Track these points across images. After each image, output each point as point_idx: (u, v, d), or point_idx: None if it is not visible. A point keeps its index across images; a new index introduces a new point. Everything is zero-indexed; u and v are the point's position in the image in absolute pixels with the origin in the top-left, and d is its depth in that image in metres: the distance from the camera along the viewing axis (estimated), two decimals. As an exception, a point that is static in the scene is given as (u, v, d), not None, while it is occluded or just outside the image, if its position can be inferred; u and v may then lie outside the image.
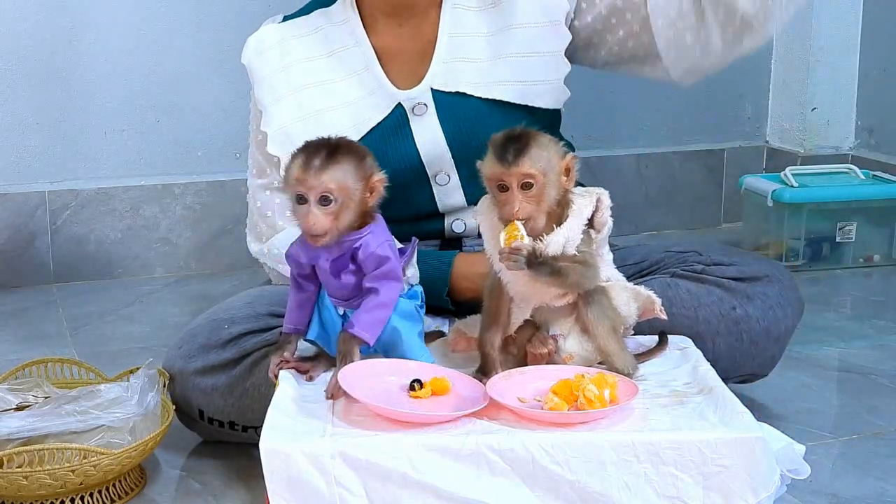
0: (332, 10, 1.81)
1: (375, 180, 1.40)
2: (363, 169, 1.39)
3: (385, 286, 1.40)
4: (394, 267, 1.40)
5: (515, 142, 1.37)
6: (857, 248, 2.85)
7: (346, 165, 1.37)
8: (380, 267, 1.40)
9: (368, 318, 1.39)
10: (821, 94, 3.21)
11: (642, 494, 1.27)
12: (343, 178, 1.37)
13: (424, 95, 1.75)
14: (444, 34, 1.77)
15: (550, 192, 1.38)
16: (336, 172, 1.36)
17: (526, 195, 1.37)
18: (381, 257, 1.39)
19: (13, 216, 2.67)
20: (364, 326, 1.39)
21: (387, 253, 1.40)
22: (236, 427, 1.69)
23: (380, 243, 1.40)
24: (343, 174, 1.37)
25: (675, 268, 1.75)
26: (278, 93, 1.77)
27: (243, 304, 1.72)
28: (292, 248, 1.45)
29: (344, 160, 1.38)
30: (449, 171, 1.75)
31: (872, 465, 1.68)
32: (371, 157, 1.41)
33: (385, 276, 1.40)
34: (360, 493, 1.26)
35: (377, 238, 1.40)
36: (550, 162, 1.38)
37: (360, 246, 1.39)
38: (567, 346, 1.45)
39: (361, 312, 1.40)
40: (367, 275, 1.40)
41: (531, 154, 1.36)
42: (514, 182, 1.36)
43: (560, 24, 1.76)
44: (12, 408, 1.64)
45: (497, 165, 1.37)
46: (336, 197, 1.36)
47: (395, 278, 1.41)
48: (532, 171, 1.36)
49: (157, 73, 2.75)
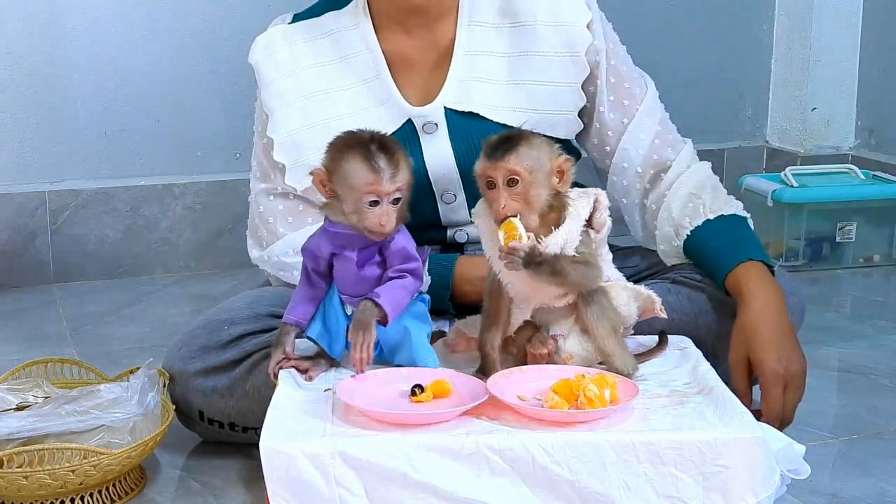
0: (343, 12, 1.77)
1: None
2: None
3: (409, 277, 1.42)
4: (418, 266, 1.44)
5: (507, 140, 1.39)
6: (857, 248, 2.86)
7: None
8: (405, 263, 1.42)
9: (392, 295, 1.41)
10: (821, 94, 3.21)
11: (642, 494, 1.27)
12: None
13: (437, 114, 1.73)
14: (460, 50, 1.74)
15: (539, 192, 1.38)
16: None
17: (511, 192, 1.37)
18: (409, 254, 1.43)
19: (13, 216, 2.67)
20: (388, 300, 1.40)
21: (415, 253, 1.44)
22: (236, 428, 1.69)
23: (408, 242, 1.44)
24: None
25: (674, 273, 1.75)
26: (286, 98, 1.75)
27: (243, 305, 1.72)
28: (311, 240, 1.45)
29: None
30: (456, 190, 1.74)
31: (872, 465, 1.68)
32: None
33: (410, 271, 1.43)
34: (360, 493, 1.26)
35: (406, 238, 1.44)
36: (539, 161, 1.38)
37: (392, 240, 1.42)
38: (567, 347, 1.45)
39: (386, 289, 1.41)
40: (392, 267, 1.42)
41: (518, 151, 1.37)
42: (500, 178, 1.37)
43: (580, 56, 1.72)
44: (12, 408, 1.64)
45: (485, 161, 1.39)
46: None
47: (418, 276, 1.44)
48: (517, 168, 1.37)
49: (157, 73, 2.75)
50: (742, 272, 1.62)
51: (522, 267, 1.35)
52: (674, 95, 3.17)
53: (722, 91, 3.24)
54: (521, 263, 1.35)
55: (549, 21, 1.72)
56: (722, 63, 3.24)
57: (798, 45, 3.21)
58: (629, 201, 1.79)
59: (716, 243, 1.68)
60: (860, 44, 3.18)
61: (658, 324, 1.57)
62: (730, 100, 3.27)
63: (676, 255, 1.75)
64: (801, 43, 3.20)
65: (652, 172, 1.77)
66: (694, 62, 3.20)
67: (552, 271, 1.37)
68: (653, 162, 1.76)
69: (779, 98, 3.30)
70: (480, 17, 1.75)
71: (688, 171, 1.75)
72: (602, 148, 1.79)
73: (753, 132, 3.33)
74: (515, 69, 1.73)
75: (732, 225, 1.70)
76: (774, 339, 1.54)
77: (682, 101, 3.16)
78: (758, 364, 1.53)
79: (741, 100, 3.29)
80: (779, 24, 3.27)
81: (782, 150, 3.28)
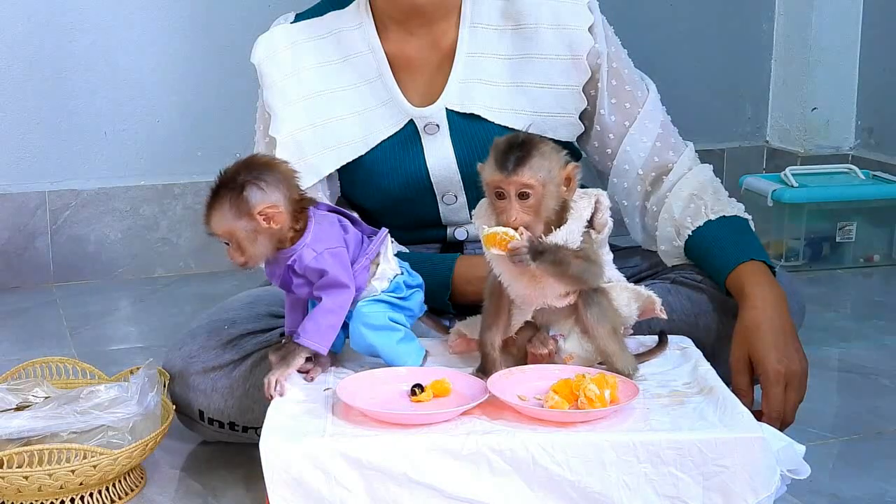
0: (345, 12, 1.77)
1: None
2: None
3: (329, 294, 1.40)
4: (334, 277, 1.40)
5: (517, 149, 1.36)
6: (857, 248, 2.85)
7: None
8: (321, 278, 1.40)
9: (314, 327, 1.40)
10: (821, 94, 3.21)
11: (642, 494, 1.27)
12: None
13: (438, 115, 1.73)
14: (462, 52, 1.74)
15: (549, 203, 1.37)
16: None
17: (523, 205, 1.36)
18: (317, 270, 1.40)
19: (13, 216, 2.67)
20: (310, 335, 1.40)
21: (322, 265, 1.40)
22: (236, 428, 1.69)
23: (314, 257, 1.40)
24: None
25: (675, 273, 1.75)
26: (288, 98, 1.74)
27: (243, 305, 1.72)
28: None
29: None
30: (457, 192, 1.74)
31: (872, 465, 1.68)
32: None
33: (329, 286, 1.40)
34: (360, 493, 1.26)
35: (309, 252, 1.40)
36: (551, 172, 1.36)
37: (295, 261, 1.40)
38: (567, 347, 1.45)
39: (308, 321, 1.41)
40: (314, 284, 1.41)
41: (532, 164, 1.35)
42: (512, 191, 1.36)
43: (581, 59, 1.72)
44: (12, 408, 1.64)
45: (496, 173, 1.36)
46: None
47: (339, 285, 1.40)
48: (531, 182, 1.35)
49: (157, 73, 2.75)
50: (744, 272, 1.62)
51: (532, 260, 1.35)
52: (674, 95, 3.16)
53: (722, 91, 3.24)
54: (530, 257, 1.35)
55: (551, 24, 1.72)
56: (722, 63, 3.24)
57: (798, 45, 3.21)
58: (630, 203, 1.79)
59: (717, 243, 1.68)
60: (860, 44, 3.18)
61: (658, 324, 1.57)
62: (730, 100, 3.27)
63: (677, 256, 1.75)
64: (801, 43, 3.20)
65: (653, 175, 1.77)
66: (694, 62, 3.20)
67: (554, 260, 1.36)
68: (654, 164, 1.76)
69: (779, 98, 3.29)
70: (482, 20, 1.75)
71: (689, 173, 1.75)
72: (603, 150, 1.79)
73: (753, 132, 3.33)
74: (517, 71, 1.73)
75: (734, 226, 1.71)
76: (776, 338, 1.54)
77: (682, 102, 3.13)
78: (759, 364, 1.53)
79: (741, 100, 3.29)
80: (779, 24, 3.27)
81: (782, 150, 3.28)
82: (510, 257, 1.35)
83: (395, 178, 1.73)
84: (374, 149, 1.73)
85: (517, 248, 1.34)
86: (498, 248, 1.35)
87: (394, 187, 1.74)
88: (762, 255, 1.65)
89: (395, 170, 1.73)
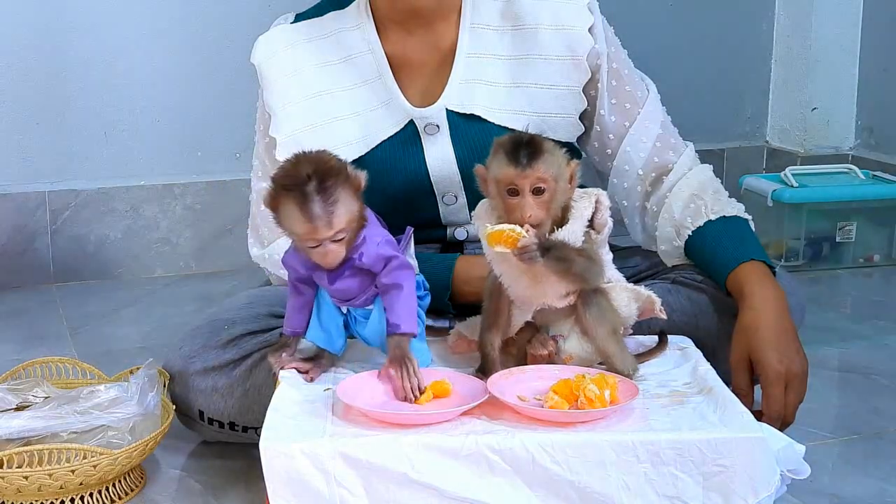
0: (345, 12, 1.78)
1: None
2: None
3: (403, 277, 1.40)
4: (402, 260, 1.41)
5: (527, 146, 1.37)
6: (857, 248, 2.86)
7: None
8: (389, 264, 1.40)
9: (406, 312, 1.39)
10: (821, 94, 3.21)
11: (642, 494, 1.27)
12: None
13: (438, 116, 1.73)
14: (462, 53, 1.74)
15: (559, 198, 1.38)
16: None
17: (537, 200, 1.36)
18: (386, 257, 1.40)
19: (13, 216, 2.67)
20: (406, 321, 1.38)
21: (389, 252, 1.40)
22: (236, 428, 1.69)
23: (377, 244, 1.40)
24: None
25: (674, 273, 1.75)
26: (289, 98, 1.75)
27: (243, 305, 1.72)
28: (287, 256, 1.45)
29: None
30: (457, 192, 1.74)
31: (872, 465, 1.68)
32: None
33: (398, 268, 1.40)
34: (360, 493, 1.26)
35: (373, 240, 1.40)
36: (560, 168, 1.38)
37: (362, 255, 1.39)
38: (567, 347, 1.45)
39: (397, 308, 1.39)
40: (380, 274, 1.40)
41: (544, 158, 1.36)
42: (527, 186, 1.36)
43: (581, 59, 1.72)
44: (12, 408, 1.64)
45: (510, 168, 1.36)
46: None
47: (407, 267, 1.41)
48: (546, 176, 1.36)
49: (156, 73, 2.75)
50: (744, 272, 1.62)
51: (541, 257, 1.35)
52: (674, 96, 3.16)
53: (722, 91, 3.24)
54: (540, 254, 1.35)
55: (551, 25, 1.72)
56: (722, 63, 3.24)
57: (798, 45, 3.21)
58: (630, 204, 1.79)
59: (717, 243, 1.68)
60: (860, 44, 3.18)
61: (658, 324, 1.57)
62: (730, 100, 3.27)
63: (677, 256, 1.75)
64: (801, 43, 3.20)
65: (653, 175, 1.77)
66: (694, 62, 3.20)
67: (560, 257, 1.36)
68: (654, 165, 1.76)
69: (779, 98, 3.30)
70: (482, 20, 1.75)
71: (689, 173, 1.75)
72: (603, 151, 1.79)
73: (753, 132, 3.33)
74: (517, 72, 1.74)
75: (734, 226, 1.71)
76: (776, 338, 1.54)
77: (682, 102, 3.14)
78: (759, 364, 1.53)
79: (741, 100, 3.29)
80: (779, 24, 3.27)
81: (782, 150, 3.28)
82: (518, 254, 1.35)
83: (396, 179, 1.73)
84: (374, 149, 1.73)
85: (527, 245, 1.34)
86: (504, 245, 1.35)
87: (394, 187, 1.74)
88: (762, 256, 1.65)
89: (396, 170, 1.73)
